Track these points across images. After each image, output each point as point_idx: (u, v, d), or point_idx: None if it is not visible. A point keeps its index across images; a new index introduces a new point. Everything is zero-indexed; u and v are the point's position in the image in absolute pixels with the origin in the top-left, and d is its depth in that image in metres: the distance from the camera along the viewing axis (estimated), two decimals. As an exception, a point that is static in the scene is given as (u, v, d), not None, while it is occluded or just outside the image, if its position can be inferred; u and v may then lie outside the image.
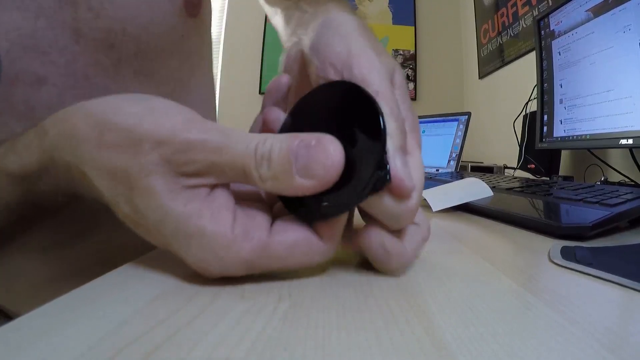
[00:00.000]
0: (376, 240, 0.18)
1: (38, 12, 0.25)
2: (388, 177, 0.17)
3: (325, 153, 0.16)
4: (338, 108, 0.19)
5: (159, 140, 0.16)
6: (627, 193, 0.38)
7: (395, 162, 0.18)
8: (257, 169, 0.16)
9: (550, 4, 1.12)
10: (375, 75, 0.20)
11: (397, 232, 0.19)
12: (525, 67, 1.28)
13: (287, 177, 0.16)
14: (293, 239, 0.17)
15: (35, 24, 0.25)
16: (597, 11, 0.64)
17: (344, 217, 0.18)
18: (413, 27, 1.94)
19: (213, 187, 0.17)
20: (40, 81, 0.26)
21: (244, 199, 0.19)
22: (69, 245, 0.32)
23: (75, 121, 0.18)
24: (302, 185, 0.16)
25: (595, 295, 0.18)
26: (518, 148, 1.02)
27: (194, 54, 0.37)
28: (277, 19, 0.42)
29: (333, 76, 0.20)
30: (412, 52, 1.93)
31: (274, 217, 0.19)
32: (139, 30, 0.30)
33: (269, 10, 0.47)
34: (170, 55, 0.33)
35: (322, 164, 0.16)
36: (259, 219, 0.18)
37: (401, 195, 0.18)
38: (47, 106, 0.26)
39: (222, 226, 0.16)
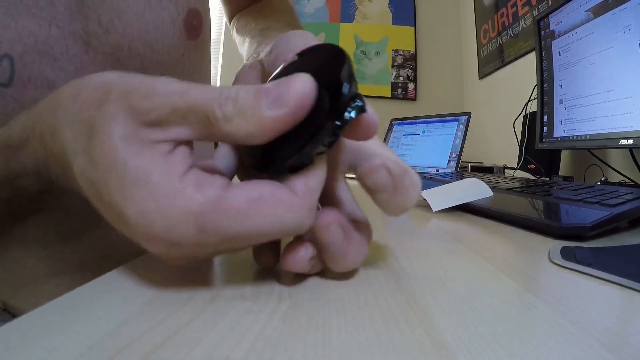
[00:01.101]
0: (335, 219, 0.17)
1: (52, 20, 0.27)
2: (362, 101, 0.16)
3: (296, 81, 0.15)
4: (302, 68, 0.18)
5: (126, 90, 0.16)
6: (627, 193, 0.38)
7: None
8: (221, 107, 0.15)
9: (550, 4, 1.12)
10: None
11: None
12: (525, 68, 1.28)
13: (255, 111, 0.15)
14: (257, 191, 0.15)
15: (49, 31, 0.27)
16: (597, 11, 0.64)
17: (321, 171, 0.17)
18: (413, 28, 1.94)
19: (175, 145, 0.16)
20: (49, 85, 0.28)
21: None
22: (69, 241, 0.32)
23: (62, 88, 0.18)
24: (272, 116, 0.15)
25: (595, 295, 0.18)
26: (518, 148, 1.02)
27: (193, 71, 0.39)
28: (245, 47, 0.46)
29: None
30: (412, 52, 1.93)
31: None
32: (144, 47, 0.32)
33: (239, 40, 0.51)
34: (172, 72, 0.35)
35: (293, 90, 0.15)
36: (217, 177, 0.16)
37: (370, 130, 0.17)
38: None
39: (170, 175, 0.15)
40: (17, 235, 0.31)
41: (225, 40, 1.97)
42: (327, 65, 0.17)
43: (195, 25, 0.37)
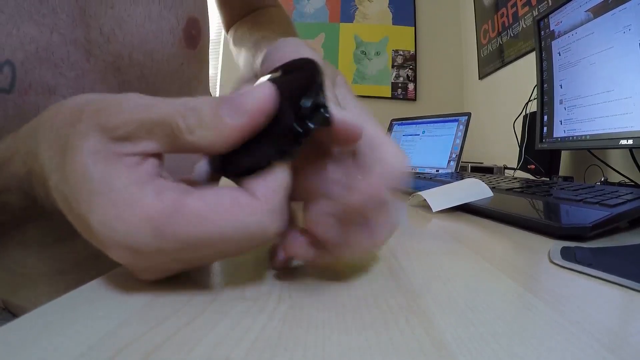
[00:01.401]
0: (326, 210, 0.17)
1: (53, 27, 0.27)
2: (327, 113, 0.16)
3: (255, 90, 0.15)
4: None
5: (96, 109, 0.16)
6: (627, 193, 0.38)
7: (332, 108, 0.17)
8: (185, 119, 0.15)
9: (550, 4, 1.12)
10: None
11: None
12: (525, 68, 1.28)
13: (216, 121, 0.15)
14: (216, 195, 0.15)
15: (50, 38, 0.27)
16: (597, 11, 0.64)
17: (282, 173, 0.16)
18: (413, 28, 1.94)
19: (144, 158, 0.16)
20: (50, 91, 0.28)
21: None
22: (67, 242, 0.32)
23: (44, 111, 0.19)
24: (231, 124, 0.15)
25: (595, 295, 0.18)
26: (518, 148, 1.02)
27: (192, 79, 0.39)
28: (241, 59, 0.47)
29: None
30: (412, 52, 1.93)
31: None
32: (144, 56, 0.32)
33: (236, 51, 0.51)
34: (171, 80, 0.36)
35: (252, 98, 0.15)
36: (180, 184, 0.16)
37: (350, 134, 0.17)
38: None
39: (132, 184, 0.15)
40: (17, 237, 0.31)
41: (224, 40, 1.97)
42: (296, 78, 0.18)
43: (194, 35, 0.37)
